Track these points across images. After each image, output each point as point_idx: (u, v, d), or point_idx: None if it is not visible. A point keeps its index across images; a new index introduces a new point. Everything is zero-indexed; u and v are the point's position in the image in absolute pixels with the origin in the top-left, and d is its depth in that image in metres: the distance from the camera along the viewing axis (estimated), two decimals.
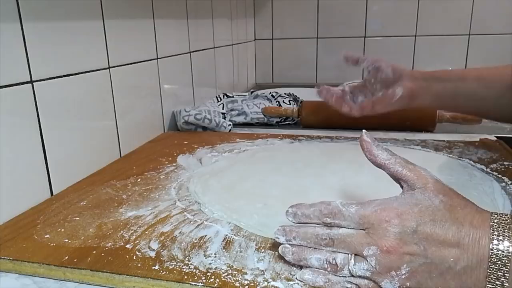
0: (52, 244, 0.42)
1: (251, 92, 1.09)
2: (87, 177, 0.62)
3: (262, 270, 0.37)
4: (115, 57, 0.69)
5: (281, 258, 0.39)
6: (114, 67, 0.69)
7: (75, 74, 0.60)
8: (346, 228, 0.35)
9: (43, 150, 0.54)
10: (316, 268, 0.35)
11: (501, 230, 0.31)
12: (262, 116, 0.94)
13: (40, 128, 0.54)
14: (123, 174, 0.62)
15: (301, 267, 0.37)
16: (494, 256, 0.30)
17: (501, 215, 0.32)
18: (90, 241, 0.43)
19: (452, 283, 0.32)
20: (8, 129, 0.49)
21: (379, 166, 0.38)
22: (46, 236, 0.44)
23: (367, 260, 0.33)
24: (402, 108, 0.70)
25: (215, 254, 0.40)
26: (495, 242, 0.31)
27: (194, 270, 0.37)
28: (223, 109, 0.96)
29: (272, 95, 1.04)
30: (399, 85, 0.67)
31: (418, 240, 0.32)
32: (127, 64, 0.73)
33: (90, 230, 0.45)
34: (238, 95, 1.04)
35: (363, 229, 0.34)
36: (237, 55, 1.39)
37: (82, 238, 0.43)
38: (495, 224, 0.32)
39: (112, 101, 0.69)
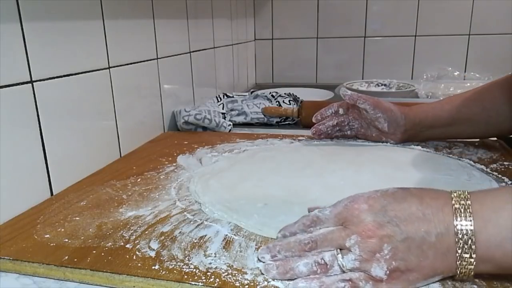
0: (52, 244, 0.42)
1: (251, 92, 1.09)
2: (87, 177, 0.62)
3: None
4: (115, 57, 0.69)
5: None
6: (114, 67, 0.69)
7: (75, 74, 0.60)
8: (326, 227, 0.37)
9: (43, 150, 0.54)
10: (306, 275, 0.35)
11: (460, 199, 0.35)
12: (262, 116, 0.94)
13: (40, 128, 0.54)
14: (123, 174, 0.62)
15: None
16: (459, 224, 0.33)
17: (458, 191, 0.36)
18: (90, 241, 0.43)
19: (430, 253, 0.34)
20: (8, 129, 0.49)
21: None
22: (46, 236, 0.44)
23: (351, 251, 0.34)
24: None
25: (215, 254, 0.40)
26: (455, 204, 0.34)
27: (194, 270, 0.37)
28: (223, 109, 0.96)
29: (272, 95, 1.04)
30: (392, 138, 0.73)
31: (390, 219, 0.34)
32: (127, 64, 0.73)
33: (90, 230, 0.45)
34: (238, 95, 1.04)
35: (341, 225, 0.36)
36: (237, 55, 1.39)
37: (82, 238, 0.43)
38: (455, 195, 0.35)
39: (112, 101, 0.69)
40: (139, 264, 0.38)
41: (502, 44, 1.39)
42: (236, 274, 0.37)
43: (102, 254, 0.40)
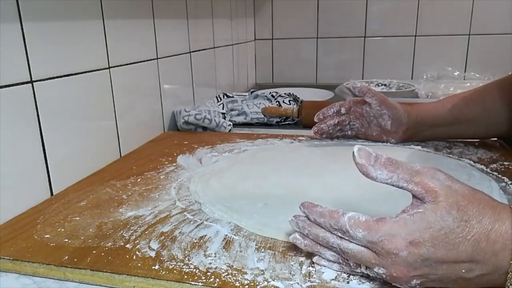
0: (52, 244, 0.42)
1: (251, 92, 1.09)
2: (87, 177, 0.62)
3: (262, 270, 0.37)
4: (115, 57, 0.69)
5: (281, 258, 0.39)
6: (114, 67, 0.69)
7: (75, 74, 0.60)
8: (356, 244, 0.34)
9: (43, 150, 0.54)
10: (331, 261, 0.37)
11: None
12: (262, 116, 0.94)
13: (40, 128, 0.54)
14: (123, 174, 0.62)
15: None
16: None
17: None
18: (90, 241, 0.43)
19: (464, 284, 0.32)
20: (8, 129, 0.49)
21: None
22: (46, 236, 0.44)
23: (378, 273, 0.33)
24: None
25: (215, 254, 0.40)
26: None
27: (194, 270, 0.37)
28: (223, 109, 0.96)
29: (272, 95, 1.04)
30: (393, 137, 0.73)
31: (429, 264, 0.31)
32: (127, 64, 0.73)
33: (90, 230, 0.45)
34: (238, 95, 1.04)
35: (372, 250, 0.33)
36: (237, 55, 1.39)
37: (82, 238, 0.43)
38: None
39: (112, 101, 0.69)
40: (139, 264, 0.38)
41: (502, 44, 1.39)
42: (236, 274, 0.37)
43: (102, 254, 0.40)
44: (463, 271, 0.31)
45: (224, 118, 0.92)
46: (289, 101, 1.02)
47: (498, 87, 0.67)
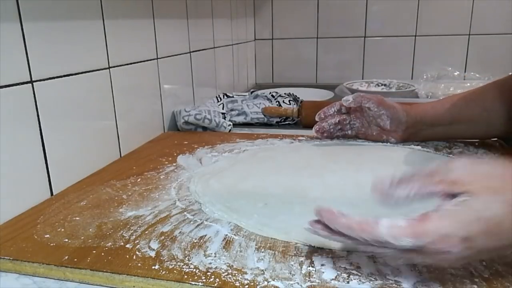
0: (52, 244, 0.42)
1: (251, 92, 1.09)
2: (87, 177, 0.62)
3: (262, 270, 0.37)
4: (115, 57, 0.69)
5: (281, 258, 0.39)
6: (114, 67, 0.69)
7: (75, 74, 0.60)
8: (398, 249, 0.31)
9: (43, 150, 0.54)
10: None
11: None
12: (262, 116, 0.94)
13: (40, 128, 0.54)
14: (123, 174, 0.62)
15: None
16: None
17: None
18: (90, 241, 0.43)
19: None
20: (8, 129, 0.49)
21: None
22: (46, 236, 0.44)
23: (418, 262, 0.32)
24: None
25: (215, 253, 0.40)
26: None
27: (194, 270, 0.37)
28: (223, 109, 0.96)
29: (272, 95, 1.04)
30: (393, 136, 0.73)
31: (480, 253, 0.30)
32: (127, 64, 0.73)
33: (90, 230, 0.45)
34: (238, 95, 1.04)
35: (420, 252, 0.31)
36: (237, 55, 1.39)
37: (82, 238, 0.43)
38: None
39: (112, 101, 0.69)
40: (139, 264, 0.38)
41: (502, 44, 1.39)
42: (236, 274, 0.37)
43: (102, 254, 0.40)
44: (510, 252, 0.31)
45: (224, 118, 0.92)
46: (289, 101, 1.02)
47: (498, 88, 0.67)
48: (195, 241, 0.42)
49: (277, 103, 1.01)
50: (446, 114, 0.69)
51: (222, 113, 0.93)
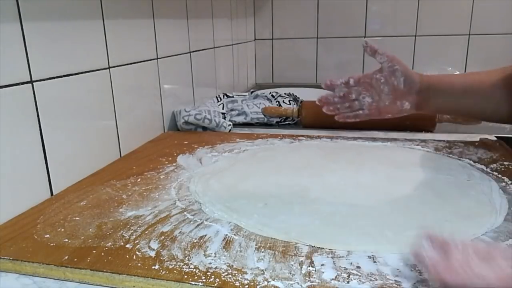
0: (52, 244, 0.42)
1: (251, 92, 1.09)
2: (87, 177, 0.62)
3: (262, 270, 0.37)
4: (115, 57, 0.69)
5: (281, 258, 0.39)
6: (114, 67, 0.69)
7: (75, 74, 0.60)
8: None
9: (43, 150, 0.54)
10: None
11: None
12: (262, 116, 0.94)
13: (40, 128, 0.54)
14: (123, 174, 0.62)
15: None
16: None
17: None
18: (90, 241, 0.43)
19: None
20: (8, 129, 0.49)
21: None
22: (46, 236, 0.44)
23: None
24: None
25: (215, 253, 0.40)
26: None
27: (194, 270, 0.37)
28: (223, 109, 0.96)
29: (272, 95, 1.04)
30: (407, 99, 0.68)
31: None
32: (127, 64, 0.73)
33: (90, 230, 0.45)
34: (238, 95, 1.04)
35: None
36: (237, 55, 1.39)
37: (82, 238, 0.43)
38: None
39: (112, 101, 0.69)
40: (139, 264, 0.38)
41: (502, 44, 1.39)
42: (236, 274, 0.37)
43: (102, 254, 0.40)
44: None
45: (224, 118, 0.92)
46: (289, 101, 1.02)
47: (505, 77, 0.65)
48: (195, 241, 0.42)
49: (277, 103, 1.01)
50: (459, 85, 0.68)
51: (222, 113, 0.93)
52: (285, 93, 1.05)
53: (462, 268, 0.32)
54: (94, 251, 0.41)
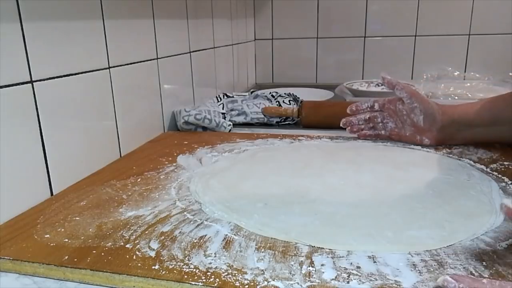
0: (52, 244, 0.42)
1: (251, 92, 1.09)
2: (87, 177, 0.62)
3: (262, 270, 0.37)
4: (115, 57, 0.69)
5: (281, 258, 0.39)
6: (114, 67, 0.69)
7: (75, 74, 0.60)
8: None
9: (43, 150, 0.54)
10: None
11: None
12: (262, 116, 0.94)
13: (40, 128, 0.54)
14: (123, 174, 0.62)
15: None
16: None
17: None
18: (90, 241, 0.43)
19: None
20: (8, 129, 0.49)
21: None
22: (46, 236, 0.44)
23: None
24: None
25: (215, 253, 0.40)
26: None
27: (194, 270, 0.37)
28: (223, 109, 0.96)
29: (272, 95, 1.04)
30: (427, 136, 0.69)
31: None
32: (127, 64, 0.73)
33: (90, 230, 0.45)
34: (238, 95, 1.04)
35: None
36: (237, 55, 1.39)
37: (82, 238, 0.43)
38: None
39: (112, 101, 0.69)
40: (139, 264, 0.38)
41: (502, 44, 1.39)
42: (236, 274, 0.37)
43: (102, 254, 0.40)
44: None
45: (224, 118, 0.92)
46: (289, 101, 1.02)
47: None
48: (195, 241, 0.42)
49: (277, 103, 1.01)
50: (487, 114, 0.65)
51: (222, 113, 0.93)
52: (285, 93, 1.05)
53: None
54: (94, 251, 0.41)
